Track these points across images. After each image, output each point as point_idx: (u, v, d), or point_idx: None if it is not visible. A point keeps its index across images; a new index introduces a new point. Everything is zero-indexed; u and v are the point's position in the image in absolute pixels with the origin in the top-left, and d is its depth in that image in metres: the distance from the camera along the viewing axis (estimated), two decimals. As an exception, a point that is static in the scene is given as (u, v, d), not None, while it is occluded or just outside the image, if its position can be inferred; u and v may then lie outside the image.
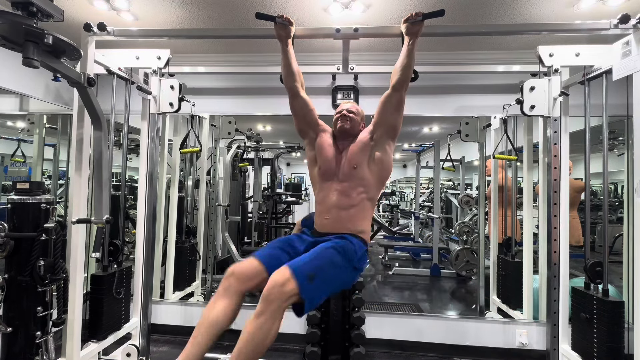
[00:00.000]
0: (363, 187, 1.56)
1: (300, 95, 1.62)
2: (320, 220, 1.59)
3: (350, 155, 1.59)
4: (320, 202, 1.60)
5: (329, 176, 1.60)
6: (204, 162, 3.25)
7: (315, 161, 1.67)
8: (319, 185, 1.64)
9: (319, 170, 1.63)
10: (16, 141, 3.42)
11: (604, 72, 1.71)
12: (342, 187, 1.56)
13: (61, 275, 1.66)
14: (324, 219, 1.56)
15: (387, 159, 1.61)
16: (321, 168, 1.62)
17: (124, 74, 1.95)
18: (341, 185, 1.56)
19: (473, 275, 4.32)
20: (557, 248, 1.84)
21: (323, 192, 1.60)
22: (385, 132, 1.59)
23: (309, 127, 1.68)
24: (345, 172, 1.57)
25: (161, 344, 2.44)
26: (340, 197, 1.55)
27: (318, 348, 2.01)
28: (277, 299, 1.21)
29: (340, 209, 1.54)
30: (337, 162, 1.60)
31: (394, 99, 1.56)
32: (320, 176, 1.63)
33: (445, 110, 2.52)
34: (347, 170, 1.57)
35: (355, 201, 1.55)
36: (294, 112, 1.67)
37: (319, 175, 1.64)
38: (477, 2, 1.96)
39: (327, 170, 1.61)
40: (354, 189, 1.55)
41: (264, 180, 6.37)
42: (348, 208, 1.54)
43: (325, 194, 1.59)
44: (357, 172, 1.56)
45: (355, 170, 1.56)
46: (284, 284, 1.22)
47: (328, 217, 1.55)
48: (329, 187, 1.59)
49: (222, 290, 1.35)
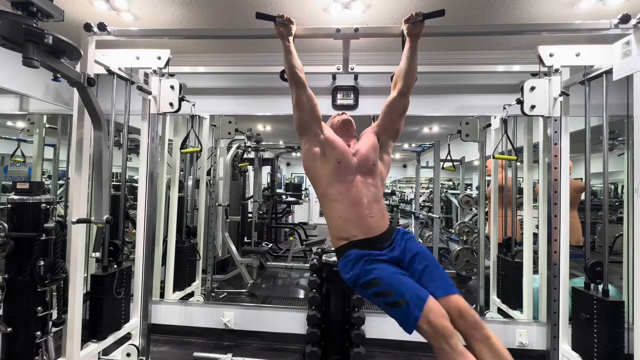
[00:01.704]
0: (380, 183, 1.58)
1: (307, 87, 1.58)
2: (366, 221, 1.46)
3: (366, 152, 1.57)
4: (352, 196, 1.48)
5: (349, 170, 1.52)
6: (204, 162, 3.25)
7: (323, 156, 1.56)
8: (336, 179, 1.51)
9: (339, 164, 1.52)
10: (16, 141, 3.42)
11: (604, 72, 1.71)
12: (367, 181, 1.53)
13: (61, 275, 1.66)
14: (369, 217, 1.46)
15: (389, 159, 1.67)
16: (341, 162, 1.52)
17: (124, 74, 1.95)
18: (365, 178, 1.53)
19: (473, 275, 4.31)
20: (557, 248, 1.84)
21: (346, 185, 1.49)
22: (391, 135, 1.66)
23: (314, 121, 1.59)
24: (367, 168, 1.55)
25: (161, 344, 2.44)
26: (369, 190, 1.51)
27: (318, 348, 2.01)
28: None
29: (375, 202, 1.51)
30: (352, 156, 1.56)
31: (400, 105, 1.59)
32: (338, 171, 1.51)
33: (445, 110, 2.52)
34: (369, 166, 1.55)
35: (380, 195, 1.55)
36: (301, 105, 1.57)
37: (336, 170, 1.52)
38: (477, 2, 1.96)
39: (347, 164, 1.52)
40: (376, 186, 1.55)
41: (264, 180, 6.38)
42: (379, 200, 1.53)
43: (353, 188, 1.49)
44: (376, 169, 1.57)
45: (375, 167, 1.57)
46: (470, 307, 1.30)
47: (373, 215, 1.47)
48: (351, 182, 1.50)
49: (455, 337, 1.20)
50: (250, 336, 2.51)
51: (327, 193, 1.53)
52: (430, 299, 1.25)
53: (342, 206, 1.48)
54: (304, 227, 5.72)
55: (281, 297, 3.60)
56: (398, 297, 1.26)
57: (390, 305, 1.29)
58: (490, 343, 1.22)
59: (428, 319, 1.20)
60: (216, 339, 2.52)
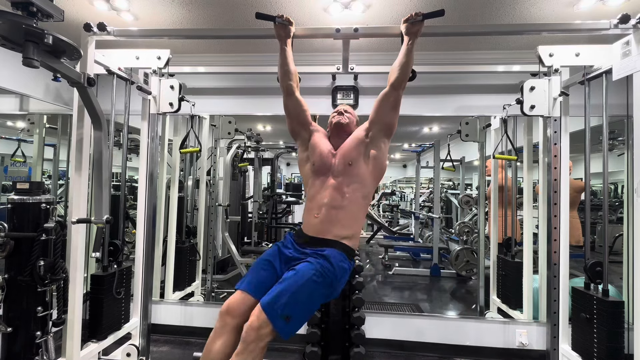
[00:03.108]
0: (357, 184, 1.53)
1: (294, 94, 1.62)
2: (309, 219, 1.54)
3: (345, 151, 1.57)
4: (312, 198, 1.56)
5: (322, 172, 1.57)
6: (204, 162, 3.25)
7: (307, 160, 1.64)
8: (312, 181, 1.59)
9: (313, 167, 1.59)
10: (16, 141, 3.42)
11: (604, 72, 1.71)
12: (336, 183, 1.52)
13: (61, 275, 1.66)
14: (314, 216, 1.52)
15: (381, 157, 1.60)
16: (315, 164, 1.58)
17: (124, 74, 1.95)
18: (335, 180, 1.53)
19: (473, 275, 4.32)
20: (557, 248, 1.84)
21: (315, 188, 1.56)
22: (381, 130, 1.58)
23: (301, 127, 1.67)
24: (340, 168, 1.54)
25: (161, 344, 2.44)
26: (334, 193, 1.51)
27: (318, 348, 2.01)
28: (254, 340, 1.25)
29: (332, 207, 1.50)
30: (331, 158, 1.58)
31: (392, 97, 1.56)
32: (314, 172, 1.59)
33: (445, 110, 2.52)
34: (342, 167, 1.54)
35: (349, 199, 1.51)
36: (288, 112, 1.66)
37: (312, 172, 1.60)
38: (477, 2, 1.96)
39: (321, 167, 1.57)
40: (348, 186, 1.52)
41: (264, 180, 6.37)
42: (340, 207, 1.50)
43: (317, 190, 1.55)
44: (352, 169, 1.54)
45: (350, 167, 1.53)
46: (260, 328, 1.25)
47: (318, 215, 1.51)
48: (321, 183, 1.55)
49: (219, 328, 1.38)
50: (250, 336, 2.51)
51: (307, 194, 1.63)
52: (238, 292, 1.43)
53: (307, 207, 1.59)
54: (304, 227, 5.70)
55: (281, 297, 3.59)
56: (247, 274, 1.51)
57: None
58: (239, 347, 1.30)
59: (228, 301, 1.42)
60: (216, 339, 2.52)
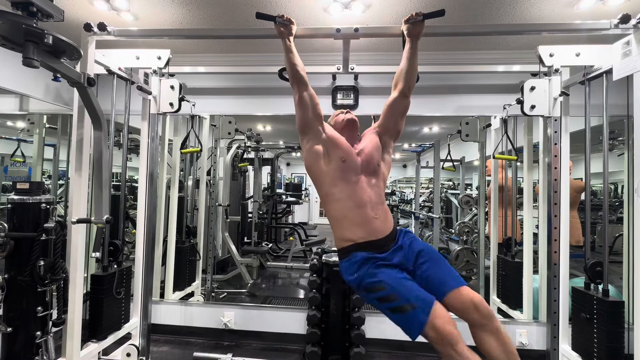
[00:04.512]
0: (383, 184, 1.57)
1: (309, 85, 1.57)
2: (371, 223, 1.44)
3: (370, 151, 1.55)
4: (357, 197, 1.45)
5: (353, 169, 1.49)
6: (204, 162, 3.25)
7: (326, 155, 1.52)
8: (339, 178, 1.48)
9: (343, 163, 1.49)
10: (16, 141, 3.42)
11: (604, 72, 1.71)
12: (375, 181, 1.51)
13: (61, 275, 1.66)
14: (374, 218, 1.44)
15: (390, 159, 1.66)
16: (346, 161, 1.49)
17: (124, 74, 1.95)
18: (371, 179, 1.51)
19: (473, 275, 4.31)
20: (557, 248, 1.84)
21: (351, 186, 1.47)
22: (391, 136, 1.65)
23: (316, 119, 1.56)
24: (372, 168, 1.53)
25: (161, 344, 2.44)
26: (378, 191, 1.50)
27: (318, 348, 2.01)
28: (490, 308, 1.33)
29: (380, 203, 1.49)
30: (356, 156, 1.52)
31: (402, 105, 1.59)
32: (343, 170, 1.48)
33: (445, 110, 2.52)
34: (374, 167, 1.53)
35: (383, 198, 1.53)
36: (303, 103, 1.55)
37: (340, 169, 1.49)
38: (477, 2, 1.96)
39: (352, 163, 1.49)
40: (379, 186, 1.53)
41: (264, 180, 6.37)
42: (383, 203, 1.51)
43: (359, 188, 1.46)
44: (380, 170, 1.56)
45: (379, 167, 1.55)
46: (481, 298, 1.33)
47: (377, 216, 1.45)
48: (358, 182, 1.47)
49: (461, 342, 1.20)
50: (250, 336, 2.51)
51: (330, 192, 1.50)
52: (437, 304, 1.25)
53: (347, 207, 1.46)
54: (304, 227, 5.73)
55: (281, 297, 3.60)
56: (403, 301, 1.26)
57: (394, 310, 1.29)
58: (501, 336, 1.29)
59: (434, 325, 1.20)
60: (216, 339, 2.52)
